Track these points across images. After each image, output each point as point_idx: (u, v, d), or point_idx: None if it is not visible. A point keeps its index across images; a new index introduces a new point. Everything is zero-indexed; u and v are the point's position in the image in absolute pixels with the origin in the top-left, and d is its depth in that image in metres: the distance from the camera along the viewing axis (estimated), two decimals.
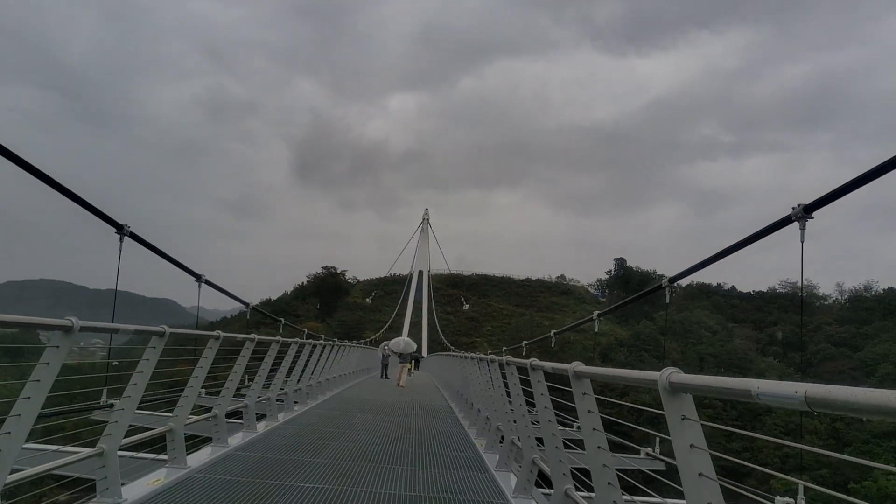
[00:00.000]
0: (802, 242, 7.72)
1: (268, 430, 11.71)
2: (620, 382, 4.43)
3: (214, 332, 8.26)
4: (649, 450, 10.46)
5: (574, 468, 6.56)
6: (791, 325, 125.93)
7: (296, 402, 15.51)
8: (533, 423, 8.45)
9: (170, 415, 8.23)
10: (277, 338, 12.05)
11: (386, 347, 38.16)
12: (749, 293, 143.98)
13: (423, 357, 62.21)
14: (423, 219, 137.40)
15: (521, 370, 8.67)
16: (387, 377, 33.94)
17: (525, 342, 21.09)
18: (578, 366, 5.08)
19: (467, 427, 14.27)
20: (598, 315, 15.29)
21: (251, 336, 9.96)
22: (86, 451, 5.98)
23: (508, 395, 10.08)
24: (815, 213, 7.57)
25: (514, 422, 9.64)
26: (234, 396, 10.62)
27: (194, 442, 10.23)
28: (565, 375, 5.30)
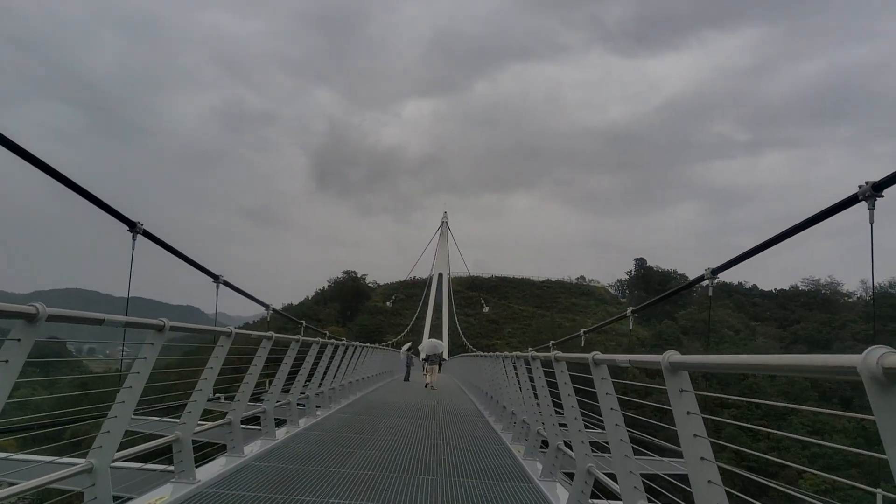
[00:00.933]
0: (872, 224, 6.97)
1: (288, 437, 10.84)
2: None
3: (226, 328, 7.37)
4: None
5: (643, 474, 5.60)
6: (815, 323, 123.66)
7: (318, 407, 14.63)
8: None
9: (178, 421, 7.34)
10: (297, 336, 11.16)
11: (409, 351, 37.25)
12: (771, 291, 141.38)
13: (445, 359, 61.20)
14: (443, 221, 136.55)
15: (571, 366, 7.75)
16: (409, 380, 33.03)
17: (552, 342, 20.03)
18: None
19: (501, 431, 13.30)
20: (633, 311, 14.35)
21: (268, 334, 9.05)
22: (79, 462, 5.11)
23: (552, 396, 9.20)
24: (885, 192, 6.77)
25: (558, 425, 8.75)
26: (252, 401, 9.82)
27: (208, 451, 9.38)
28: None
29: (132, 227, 8.96)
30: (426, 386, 27.79)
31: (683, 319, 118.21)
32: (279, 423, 11.63)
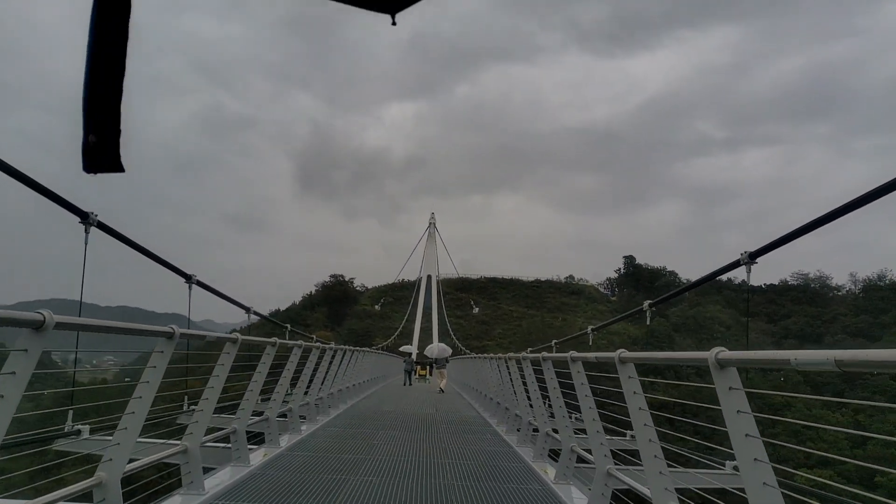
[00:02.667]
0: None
1: (266, 462, 9.03)
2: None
3: (232, 335, 7.13)
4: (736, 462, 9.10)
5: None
6: (805, 317, 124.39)
7: (303, 419, 13.15)
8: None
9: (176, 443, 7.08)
10: (273, 339, 10.71)
11: (410, 356, 40.07)
12: (761, 286, 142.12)
13: (434, 362, 60.83)
14: (430, 223, 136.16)
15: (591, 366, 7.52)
16: (409, 384, 34.63)
17: (555, 342, 19.70)
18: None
19: (516, 445, 12.04)
20: (650, 304, 13.90)
21: (271, 340, 8.81)
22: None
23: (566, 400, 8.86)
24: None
25: (607, 444, 8.41)
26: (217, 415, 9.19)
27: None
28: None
29: (84, 217, 8.23)
30: (440, 391, 28.54)
31: (675, 317, 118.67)
32: (257, 441, 10.37)
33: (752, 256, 8.35)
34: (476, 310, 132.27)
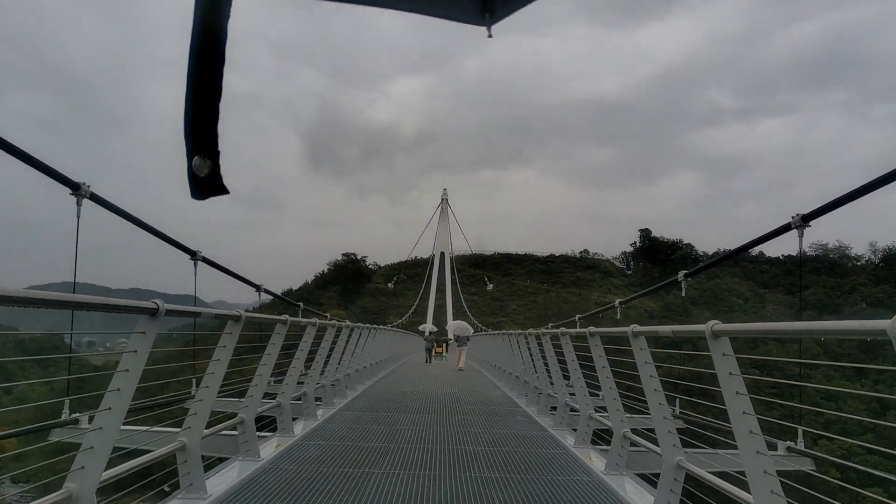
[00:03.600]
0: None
1: (279, 455, 8.06)
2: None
3: (235, 312, 6.12)
4: (790, 443, 8.23)
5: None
6: (824, 288, 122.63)
7: (318, 403, 12.18)
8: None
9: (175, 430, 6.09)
10: (314, 320, 9.87)
11: (431, 334, 40.49)
12: (778, 258, 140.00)
13: (450, 339, 59.91)
14: (442, 199, 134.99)
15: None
16: (430, 361, 35.14)
17: (578, 316, 18.61)
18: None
19: (552, 428, 11.05)
20: (685, 275, 12.87)
21: (282, 318, 7.81)
22: None
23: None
24: None
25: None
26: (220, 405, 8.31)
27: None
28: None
29: (75, 189, 7.43)
30: (459, 369, 28.31)
31: (692, 289, 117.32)
32: (269, 428, 9.50)
33: (805, 219, 7.39)
34: (490, 286, 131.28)
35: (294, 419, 10.49)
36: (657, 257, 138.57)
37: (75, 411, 7.84)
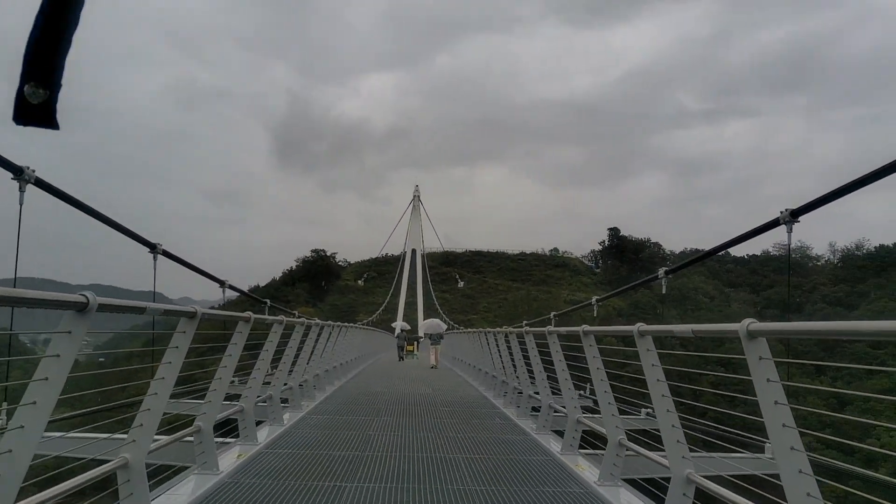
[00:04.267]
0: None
1: (240, 467, 7.21)
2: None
3: (189, 308, 5.35)
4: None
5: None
6: (786, 287, 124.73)
7: (285, 405, 11.30)
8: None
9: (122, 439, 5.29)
10: (280, 318, 9.08)
11: (403, 332, 40.13)
12: (743, 257, 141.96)
13: (421, 337, 59.18)
14: (414, 195, 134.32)
15: None
16: (402, 359, 35.31)
17: (553, 314, 18.08)
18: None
19: (535, 433, 10.28)
20: (666, 272, 12.39)
21: (245, 314, 7.04)
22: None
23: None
24: None
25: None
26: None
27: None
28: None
29: (17, 173, 6.79)
30: (432, 367, 28.24)
31: (658, 287, 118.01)
32: (232, 433, 8.76)
33: (794, 214, 7.09)
34: (461, 284, 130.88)
35: (259, 423, 9.78)
36: (625, 256, 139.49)
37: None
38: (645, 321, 6.19)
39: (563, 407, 9.25)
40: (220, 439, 8.14)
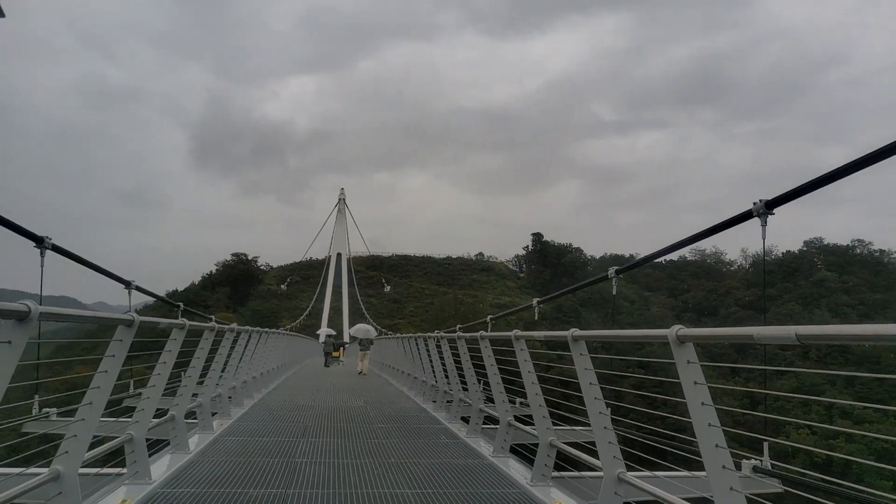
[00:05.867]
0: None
1: None
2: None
3: (127, 316, 5.24)
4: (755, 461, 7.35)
5: None
6: (702, 291, 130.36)
7: (191, 424, 9.78)
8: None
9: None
10: (213, 324, 8.87)
11: (329, 337, 40.53)
12: (661, 262, 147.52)
13: (347, 343, 58.56)
14: (340, 199, 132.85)
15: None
16: (328, 365, 34.97)
17: (490, 317, 18.05)
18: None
19: (492, 455, 8.87)
20: (617, 271, 12.34)
21: (180, 322, 6.92)
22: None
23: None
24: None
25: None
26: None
27: None
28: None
29: None
30: (359, 373, 28.19)
31: (581, 292, 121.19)
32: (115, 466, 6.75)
33: (769, 206, 6.93)
34: (388, 288, 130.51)
35: (158, 448, 8.21)
36: (548, 261, 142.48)
37: None
38: (568, 325, 6.36)
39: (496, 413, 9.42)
40: (104, 471, 6.56)
